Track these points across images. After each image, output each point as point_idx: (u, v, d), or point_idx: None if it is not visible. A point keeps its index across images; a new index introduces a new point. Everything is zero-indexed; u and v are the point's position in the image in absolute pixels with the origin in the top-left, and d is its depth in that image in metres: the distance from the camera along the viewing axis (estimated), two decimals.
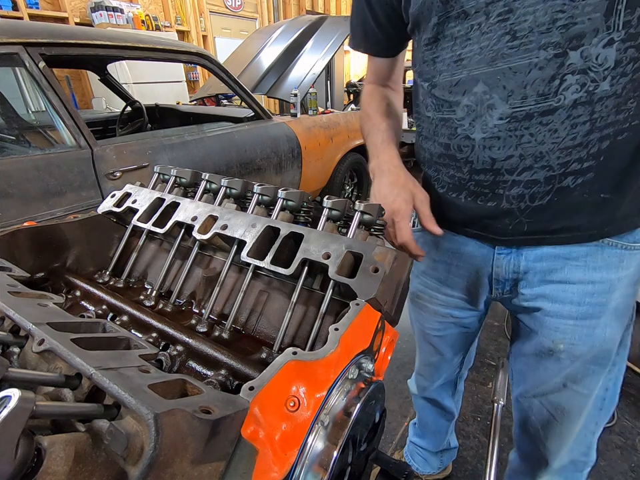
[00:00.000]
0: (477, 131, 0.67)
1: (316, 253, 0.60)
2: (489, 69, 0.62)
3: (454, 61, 0.67)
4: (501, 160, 0.66)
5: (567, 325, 0.76)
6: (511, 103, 0.61)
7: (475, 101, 0.66)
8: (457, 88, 0.68)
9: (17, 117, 2.26)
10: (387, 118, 0.88)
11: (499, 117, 0.63)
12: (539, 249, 0.74)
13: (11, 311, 0.42)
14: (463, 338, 1.06)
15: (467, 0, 0.61)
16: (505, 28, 0.59)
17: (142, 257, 0.84)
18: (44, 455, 0.27)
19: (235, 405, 0.34)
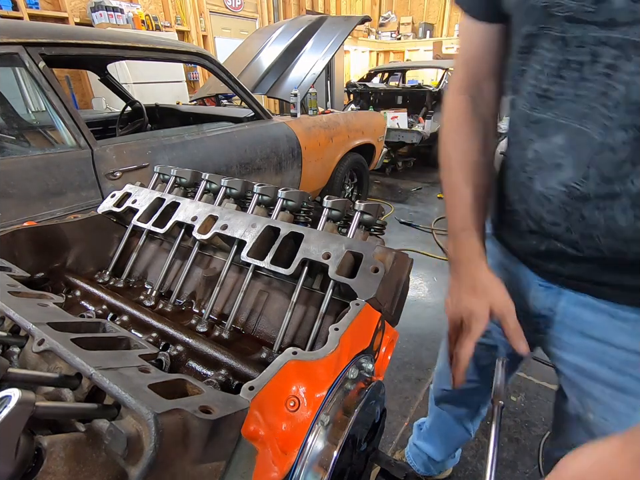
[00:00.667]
0: (536, 182, 0.58)
1: (316, 253, 0.60)
2: (577, 124, 0.49)
3: (537, 93, 0.54)
4: (548, 222, 0.58)
5: (602, 393, 0.64)
6: (577, 175, 0.52)
7: (546, 152, 0.55)
8: (536, 126, 0.56)
9: (17, 117, 2.26)
10: (474, 180, 0.67)
11: (560, 182, 0.54)
12: (582, 295, 0.63)
13: (11, 310, 0.43)
14: (489, 358, 0.91)
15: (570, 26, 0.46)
16: (605, 86, 0.46)
17: (142, 257, 0.84)
18: (44, 455, 0.27)
19: (235, 404, 0.34)
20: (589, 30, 0.44)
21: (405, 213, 3.97)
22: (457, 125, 0.70)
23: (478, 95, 0.68)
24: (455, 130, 0.70)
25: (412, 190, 4.73)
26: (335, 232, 0.68)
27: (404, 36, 10.92)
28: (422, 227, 3.56)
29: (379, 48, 10.93)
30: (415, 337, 2.12)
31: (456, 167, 0.69)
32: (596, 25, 0.43)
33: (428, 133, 5.02)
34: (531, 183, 0.59)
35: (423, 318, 2.30)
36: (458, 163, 0.68)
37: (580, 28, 0.45)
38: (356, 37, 9.60)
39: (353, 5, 10.02)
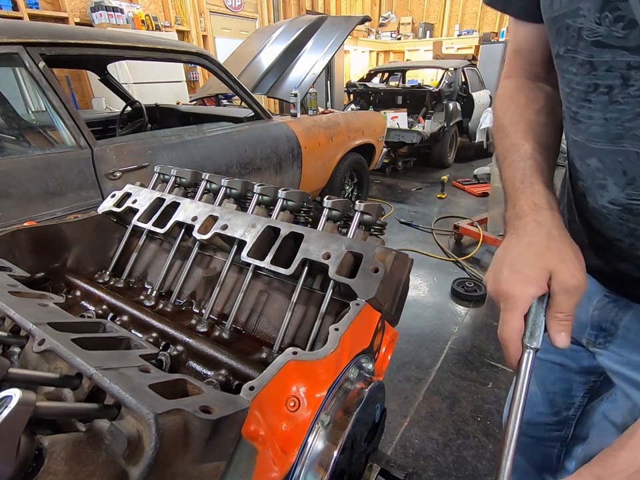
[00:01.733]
0: (588, 198, 0.55)
1: (316, 253, 0.60)
2: (610, 146, 0.48)
3: (570, 115, 0.53)
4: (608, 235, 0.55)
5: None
6: (628, 192, 0.49)
7: (586, 173, 0.53)
8: (574, 147, 0.55)
9: (17, 117, 2.26)
10: (534, 135, 0.58)
11: (610, 201, 0.51)
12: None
13: (12, 310, 0.43)
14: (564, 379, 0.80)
15: (599, 50, 0.44)
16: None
17: (142, 257, 0.84)
18: (45, 455, 0.27)
19: (235, 404, 0.34)
20: (618, 55, 0.43)
21: (405, 213, 3.98)
22: (508, 99, 0.63)
23: (533, 77, 0.63)
24: (507, 102, 0.63)
25: (412, 190, 4.73)
26: (335, 232, 0.68)
27: (404, 36, 10.93)
28: (422, 227, 3.56)
29: (379, 48, 10.93)
30: (414, 337, 2.12)
31: (509, 126, 0.60)
32: (626, 50, 0.42)
33: (428, 132, 5.02)
34: (586, 198, 0.55)
35: (423, 318, 2.30)
36: (511, 122, 0.60)
37: (609, 52, 0.44)
38: (356, 36, 9.60)
39: (353, 5, 10.02)
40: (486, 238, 2.92)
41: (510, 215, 0.54)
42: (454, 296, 2.50)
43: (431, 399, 1.73)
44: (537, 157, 0.55)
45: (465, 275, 2.74)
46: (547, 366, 0.80)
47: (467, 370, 1.89)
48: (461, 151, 6.12)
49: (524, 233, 0.49)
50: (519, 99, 0.61)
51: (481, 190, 4.37)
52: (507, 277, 0.47)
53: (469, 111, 5.74)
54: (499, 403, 1.70)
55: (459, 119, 5.51)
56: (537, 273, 0.46)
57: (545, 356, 0.78)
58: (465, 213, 3.80)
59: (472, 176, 4.92)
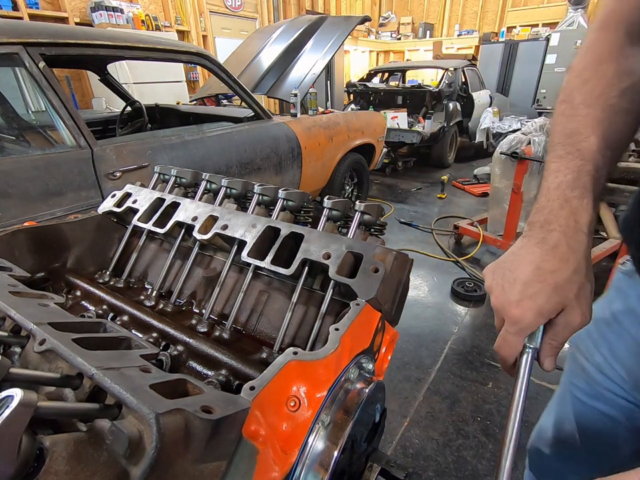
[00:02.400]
0: None
1: (316, 253, 0.60)
2: None
3: None
4: None
5: None
6: None
7: None
8: None
9: (17, 117, 2.26)
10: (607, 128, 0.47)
11: None
12: None
13: (12, 311, 0.43)
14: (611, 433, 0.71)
15: None
16: None
17: (142, 257, 0.84)
18: (46, 455, 0.27)
19: (235, 404, 0.34)
20: None
21: (405, 213, 3.98)
22: (596, 60, 0.50)
23: (634, 31, 0.48)
24: (591, 66, 0.50)
25: (412, 190, 4.73)
26: (335, 232, 0.69)
27: (404, 36, 10.93)
28: (422, 227, 3.56)
29: (379, 48, 10.93)
30: (414, 337, 2.12)
31: (580, 110, 0.48)
32: None
33: (428, 132, 5.02)
34: None
35: (423, 318, 2.30)
36: (585, 105, 0.48)
37: None
38: (356, 36, 9.61)
39: (353, 5, 10.02)
40: (486, 238, 2.92)
41: (542, 218, 0.46)
42: (454, 296, 2.50)
43: (430, 399, 1.73)
44: (599, 160, 0.46)
45: (465, 274, 2.74)
46: (594, 413, 0.72)
47: (467, 370, 1.89)
48: (461, 151, 6.12)
49: (551, 254, 0.43)
50: (607, 70, 0.48)
51: (481, 190, 4.37)
52: (519, 301, 0.43)
53: (469, 111, 5.74)
54: (499, 403, 1.70)
55: (458, 119, 5.51)
56: (552, 307, 0.43)
57: (593, 402, 0.71)
58: (464, 212, 3.80)
59: (472, 176, 4.92)
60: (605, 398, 0.67)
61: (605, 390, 0.67)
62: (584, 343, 0.71)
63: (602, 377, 0.67)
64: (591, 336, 0.69)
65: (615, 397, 0.66)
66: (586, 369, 0.70)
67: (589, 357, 0.70)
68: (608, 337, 0.65)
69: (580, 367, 0.72)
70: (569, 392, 0.76)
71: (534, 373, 0.43)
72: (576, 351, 0.73)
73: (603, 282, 2.58)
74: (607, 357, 0.65)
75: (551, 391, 1.73)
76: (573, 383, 0.74)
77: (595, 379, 0.68)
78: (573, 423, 0.75)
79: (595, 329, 0.68)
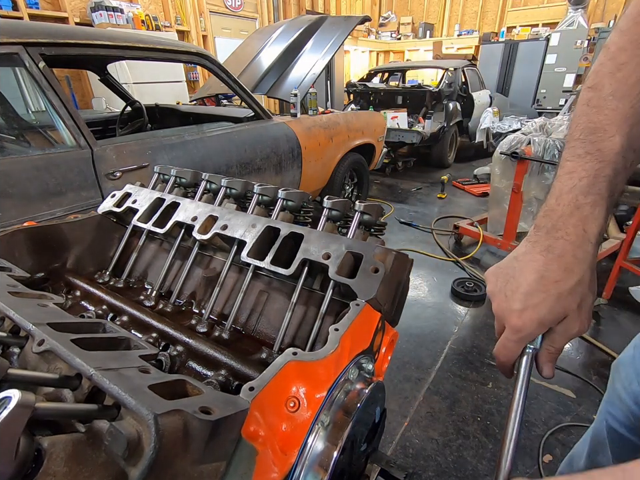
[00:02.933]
0: None
1: (316, 253, 0.60)
2: None
3: None
4: None
5: None
6: None
7: None
8: None
9: (17, 117, 2.26)
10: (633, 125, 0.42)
11: None
12: None
13: (11, 311, 0.42)
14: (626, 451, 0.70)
15: None
16: None
17: (142, 257, 0.84)
18: (44, 456, 0.27)
19: (235, 405, 0.34)
20: None
21: (405, 212, 3.98)
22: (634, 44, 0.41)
23: None
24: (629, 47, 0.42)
25: (412, 190, 4.73)
26: (335, 232, 0.68)
27: (404, 36, 10.93)
28: (422, 226, 3.56)
29: (379, 48, 10.93)
30: (414, 337, 2.12)
31: (608, 102, 0.42)
32: None
33: (428, 132, 5.02)
34: None
35: (422, 318, 2.30)
36: (615, 97, 0.42)
37: None
38: (356, 36, 9.61)
39: (353, 5, 10.02)
40: (486, 238, 2.92)
41: (550, 223, 0.43)
42: (454, 296, 2.50)
43: (430, 399, 1.73)
44: (619, 163, 0.42)
45: (465, 274, 2.74)
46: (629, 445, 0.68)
47: (467, 370, 1.89)
48: (461, 151, 6.12)
49: (556, 264, 0.42)
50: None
51: (481, 190, 4.37)
52: (521, 310, 0.43)
53: (469, 111, 5.74)
54: (499, 403, 1.70)
55: (458, 119, 5.51)
56: (554, 317, 0.42)
57: (630, 435, 0.67)
58: (464, 213, 3.80)
59: (472, 176, 4.92)
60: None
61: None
62: (625, 369, 0.66)
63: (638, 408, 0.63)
64: (635, 363, 0.64)
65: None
66: (623, 398, 0.66)
67: (627, 385, 0.65)
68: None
69: (617, 395, 0.67)
70: (605, 421, 0.72)
71: (534, 373, 0.43)
72: (616, 378, 0.68)
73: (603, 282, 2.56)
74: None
75: (551, 391, 1.73)
76: (610, 412, 0.70)
77: (631, 409, 0.64)
78: (608, 454, 0.71)
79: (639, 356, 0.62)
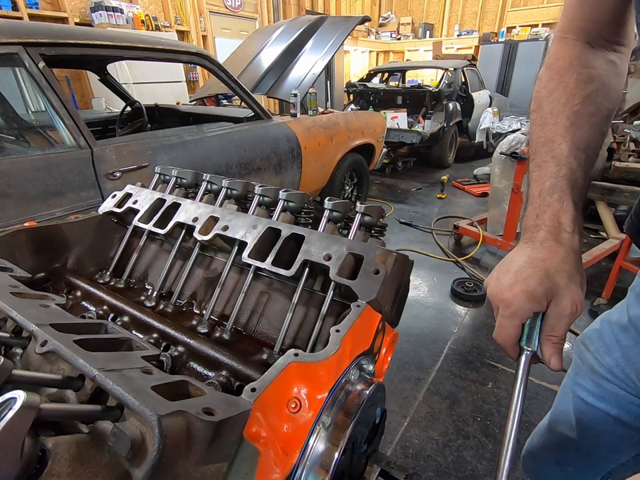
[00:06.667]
0: None
1: (317, 255, 0.60)
2: None
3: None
4: None
5: None
6: None
7: None
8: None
9: (16, 117, 2.26)
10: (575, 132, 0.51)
11: None
12: None
13: (14, 312, 0.43)
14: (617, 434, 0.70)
15: None
16: None
17: (143, 258, 0.84)
18: (48, 457, 0.27)
19: (237, 406, 0.34)
20: None
21: (405, 213, 3.98)
22: (559, 71, 0.54)
23: (595, 40, 0.53)
24: (555, 77, 0.54)
25: (412, 190, 4.74)
26: (335, 233, 0.69)
27: (404, 36, 10.93)
28: (422, 227, 3.57)
29: (379, 48, 10.93)
30: (414, 337, 2.12)
31: (549, 119, 0.52)
32: None
33: (428, 133, 5.03)
34: None
35: (422, 318, 2.30)
36: (553, 115, 0.52)
37: None
38: (356, 37, 9.61)
39: (353, 5, 10.02)
40: (486, 238, 2.93)
41: (530, 223, 0.50)
42: (454, 296, 2.50)
43: (430, 399, 1.73)
44: (572, 163, 0.49)
45: (464, 275, 2.74)
46: (597, 414, 0.71)
47: (467, 370, 1.90)
48: (461, 151, 6.13)
49: (540, 247, 0.47)
50: (569, 80, 0.52)
51: (481, 190, 4.37)
52: (511, 284, 0.45)
53: (469, 111, 5.74)
54: (499, 403, 1.70)
55: (458, 119, 5.51)
56: (543, 291, 0.44)
57: (598, 403, 0.70)
58: (464, 213, 3.80)
59: (472, 176, 4.92)
60: (613, 399, 0.67)
61: (614, 392, 0.67)
62: (594, 344, 0.71)
63: (613, 378, 0.67)
64: (603, 338, 0.69)
65: (624, 399, 0.66)
66: (595, 369, 0.69)
67: (599, 357, 0.69)
68: (623, 341, 0.65)
69: (588, 366, 0.71)
70: (572, 392, 0.75)
71: (534, 373, 0.44)
72: (584, 350, 0.73)
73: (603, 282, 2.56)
74: (620, 361, 0.65)
75: (551, 391, 1.73)
76: (578, 382, 0.73)
77: (605, 378, 0.68)
78: (572, 423, 0.75)
79: (608, 331, 0.68)
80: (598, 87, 0.52)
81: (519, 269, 0.46)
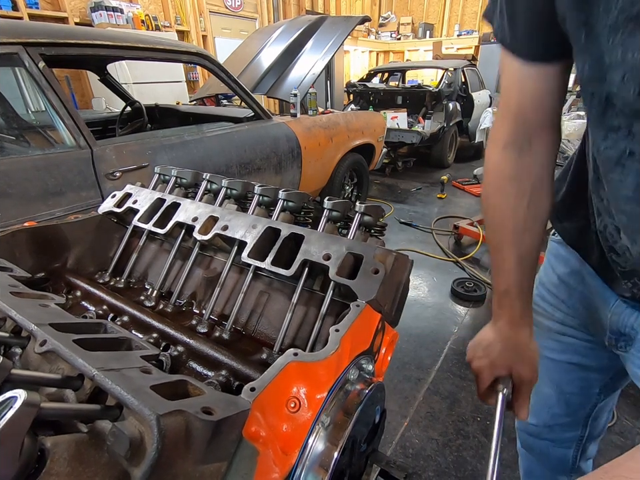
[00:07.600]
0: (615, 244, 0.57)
1: (316, 254, 0.60)
2: None
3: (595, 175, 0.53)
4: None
5: None
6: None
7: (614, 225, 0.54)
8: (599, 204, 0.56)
9: (16, 117, 2.26)
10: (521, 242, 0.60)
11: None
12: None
13: (13, 311, 0.43)
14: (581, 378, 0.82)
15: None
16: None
17: (142, 258, 0.84)
18: (47, 456, 0.27)
19: (236, 405, 0.34)
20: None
21: (405, 213, 3.98)
22: (500, 185, 0.60)
23: (528, 149, 0.56)
24: (497, 191, 0.61)
25: (412, 190, 4.74)
26: (335, 233, 0.69)
27: (404, 36, 10.93)
28: (422, 227, 3.57)
29: (379, 48, 10.93)
30: (414, 337, 2.12)
31: (499, 230, 0.62)
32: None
33: (428, 133, 5.03)
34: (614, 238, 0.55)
35: (422, 318, 2.30)
36: (502, 226, 0.61)
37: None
38: (356, 37, 9.61)
39: (353, 5, 10.02)
40: (485, 238, 2.92)
41: (495, 307, 0.67)
42: (454, 296, 2.50)
43: (430, 399, 1.74)
44: (518, 271, 0.61)
45: (464, 275, 2.74)
46: (562, 367, 0.82)
47: (467, 370, 1.90)
48: (461, 151, 6.13)
49: (503, 332, 0.65)
50: (510, 191, 0.59)
51: (481, 190, 4.37)
52: (480, 357, 0.67)
53: (469, 111, 5.74)
54: None
55: (458, 119, 5.51)
56: (502, 363, 0.65)
57: (560, 357, 0.81)
58: (464, 213, 3.80)
59: (472, 176, 4.92)
60: (572, 348, 0.79)
61: (571, 339, 0.79)
62: (540, 307, 0.82)
63: (566, 329, 0.79)
64: (546, 299, 0.81)
65: (579, 343, 0.78)
66: (550, 327, 0.81)
67: (550, 316, 0.80)
68: (561, 296, 0.78)
69: (545, 328, 0.82)
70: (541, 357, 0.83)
71: None
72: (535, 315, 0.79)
73: None
74: (566, 312, 0.78)
75: None
76: (543, 345, 0.81)
77: (560, 331, 0.80)
78: (548, 384, 0.85)
79: (546, 292, 0.81)
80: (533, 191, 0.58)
81: (487, 345, 0.67)
